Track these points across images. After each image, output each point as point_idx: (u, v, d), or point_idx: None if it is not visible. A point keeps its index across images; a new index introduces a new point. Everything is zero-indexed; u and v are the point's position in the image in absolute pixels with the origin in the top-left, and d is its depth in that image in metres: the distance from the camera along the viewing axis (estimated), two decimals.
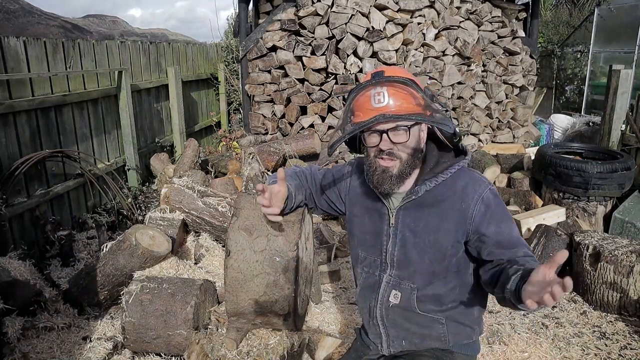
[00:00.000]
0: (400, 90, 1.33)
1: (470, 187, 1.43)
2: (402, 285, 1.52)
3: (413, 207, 1.47)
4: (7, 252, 2.98)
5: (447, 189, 1.44)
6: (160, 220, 3.26)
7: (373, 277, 1.58)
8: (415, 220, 1.47)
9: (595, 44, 8.33)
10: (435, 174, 1.44)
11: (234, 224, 1.66)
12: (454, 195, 1.43)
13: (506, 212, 1.45)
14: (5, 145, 3.24)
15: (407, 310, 1.52)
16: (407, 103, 1.33)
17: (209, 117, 7.22)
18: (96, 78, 4.30)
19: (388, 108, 1.32)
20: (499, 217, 1.41)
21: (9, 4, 20.71)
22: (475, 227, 1.40)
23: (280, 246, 1.63)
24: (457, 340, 1.55)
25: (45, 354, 2.39)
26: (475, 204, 1.41)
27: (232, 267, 1.64)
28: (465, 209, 1.41)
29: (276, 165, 4.75)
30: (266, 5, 5.44)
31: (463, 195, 1.42)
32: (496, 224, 1.40)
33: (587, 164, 3.83)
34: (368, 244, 1.60)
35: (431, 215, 1.45)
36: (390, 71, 1.36)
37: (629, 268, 2.78)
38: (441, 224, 1.44)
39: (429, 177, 1.44)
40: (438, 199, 1.45)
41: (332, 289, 3.20)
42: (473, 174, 1.48)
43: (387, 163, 1.40)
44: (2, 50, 3.17)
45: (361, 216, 1.61)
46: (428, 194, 1.45)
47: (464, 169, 1.47)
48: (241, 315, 1.75)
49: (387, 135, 1.35)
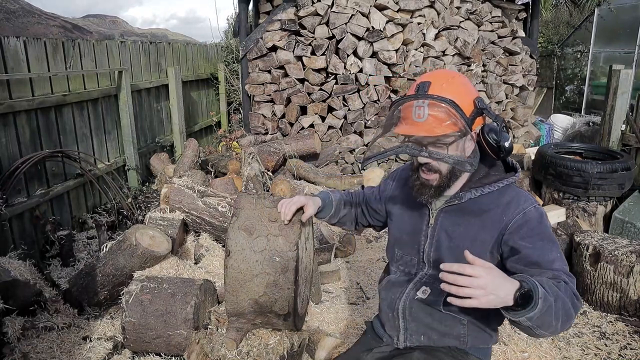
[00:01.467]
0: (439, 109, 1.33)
1: (514, 201, 1.41)
2: (435, 285, 1.50)
3: (454, 211, 1.48)
4: (7, 252, 2.98)
5: (492, 201, 1.44)
6: (160, 220, 3.26)
7: (408, 275, 1.60)
8: (453, 225, 1.48)
9: (595, 44, 8.33)
10: (483, 184, 1.45)
11: (233, 224, 1.66)
12: (498, 209, 1.42)
13: (548, 234, 1.37)
14: (5, 145, 3.24)
15: (431, 306, 1.52)
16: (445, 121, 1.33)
17: (209, 117, 7.22)
18: (96, 78, 4.30)
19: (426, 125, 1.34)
20: (536, 234, 1.35)
21: (9, 4, 20.71)
22: (509, 237, 1.37)
23: (280, 246, 1.63)
24: (475, 343, 1.54)
25: (45, 354, 2.39)
26: (515, 216, 1.38)
27: (232, 267, 1.64)
28: (505, 221, 1.39)
29: (276, 165, 4.75)
30: (266, 5, 5.44)
31: (506, 209, 1.41)
32: (531, 241, 1.34)
33: (587, 164, 3.83)
34: (405, 243, 1.62)
35: (471, 223, 1.45)
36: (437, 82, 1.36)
37: (629, 268, 2.78)
38: (479, 233, 1.43)
39: (475, 186, 1.45)
40: (481, 208, 1.44)
41: (332, 289, 3.20)
42: (521, 192, 1.47)
43: (427, 176, 1.45)
44: (2, 50, 3.17)
45: (400, 215, 1.65)
46: (472, 202, 1.45)
47: (513, 186, 1.47)
48: (241, 315, 1.76)
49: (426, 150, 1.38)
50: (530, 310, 1.12)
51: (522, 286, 1.14)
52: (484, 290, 1.10)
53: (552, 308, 1.15)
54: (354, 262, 3.65)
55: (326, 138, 5.38)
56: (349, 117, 5.34)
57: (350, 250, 3.76)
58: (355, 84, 5.26)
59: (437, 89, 1.34)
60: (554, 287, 1.20)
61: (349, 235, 3.80)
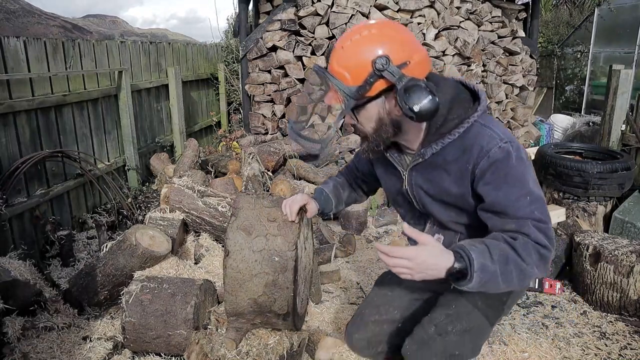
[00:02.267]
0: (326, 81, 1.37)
1: (477, 145, 1.32)
2: (445, 231, 1.53)
3: (422, 168, 1.44)
4: (7, 252, 2.98)
5: (456, 149, 1.36)
6: (160, 220, 3.26)
7: (419, 226, 1.62)
8: (425, 182, 1.45)
9: (595, 44, 8.33)
10: (442, 134, 1.36)
11: (232, 224, 1.66)
12: (462, 157, 1.35)
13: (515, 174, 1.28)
14: (5, 145, 3.24)
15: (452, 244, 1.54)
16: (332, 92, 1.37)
17: (209, 117, 7.23)
18: (96, 78, 4.30)
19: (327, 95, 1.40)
20: (502, 176, 1.28)
21: (9, 4, 20.72)
22: (476, 185, 1.33)
23: (279, 246, 1.63)
24: None
25: (45, 354, 2.39)
26: (479, 161, 1.31)
27: (231, 267, 1.64)
28: (471, 169, 1.33)
29: (276, 165, 4.75)
30: (266, 5, 5.44)
31: (469, 155, 1.33)
32: (496, 185, 1.29)
33: (587, 164, 3.83)
34: (401, 202, 1.64)
35: (442, 178, 1.40)
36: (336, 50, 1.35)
37: (629, 268, 2.78)
38: (451, 187, 1.39)
39: (434, 139, 1.38)
40: (446, 160, 1.38)
41: (332, 289, 3.20)
42: (484, 130, 1.34)
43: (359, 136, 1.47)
44: (2, 50, 3.18)
45: (383, 176, 1.67)
46: (436, 156, 1.39)
47: (476, 125, 1.35)
48: (240, 315, 1.76)
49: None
50: (467, 283, 1.21)
51: (454, 265, 1.20)
52: (411, 270, 1.19)
53: (495, 276, 1.21)
54: (354, 262, 3.65)
55: None
56: None
57: (350, 250, 3.76)
58: None
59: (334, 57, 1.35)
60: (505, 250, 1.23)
61: (349, 235, 3.80)
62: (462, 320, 1.52)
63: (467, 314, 1.54)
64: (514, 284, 1.24)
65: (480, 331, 1.57)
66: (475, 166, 1.32)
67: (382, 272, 1.87)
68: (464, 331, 1.51)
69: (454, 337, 1.50)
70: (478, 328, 1.55)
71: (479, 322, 1.54)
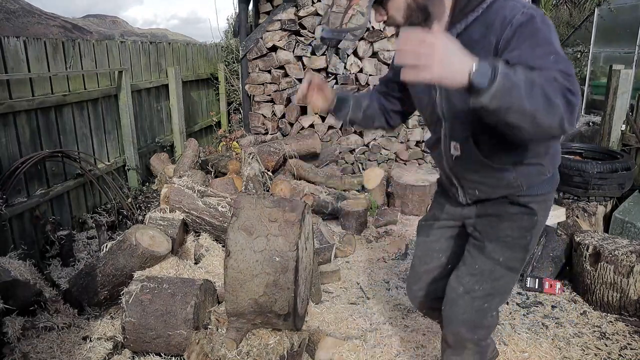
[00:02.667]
0: None
1: (500, 17, 1.28)
2: (457, 136, 1.52)
3: None
4: (7, 252, 2.98)
5: (480, 25, 1.33)
6: (160, 220, 3.26)
7: (436, 133, 1.62)
8: None
9: (595, 44, 8.33)
10: (465, 13, 1.35)
11: (233, 224, 1.66)
12: (487, 32, 1.31)
13: (542, 37, 1.21)
14: (5, 145, 3.24)
15: (470, 160, 1.53)
16: None
17: (209, 117, 7.22)
18: (96, 78, 4.30)
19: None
20: (526, 39, 1.22)
21: (9, 4, 20.71)
22: (502, 56, 1.25)
23: (280, 246, 1.63)
24: (531, 182, 1.54)
25: (45, 354, 2.39)
26: (503, 31, 1.26)
27: (232, 267, 1.64)
28: (495, 42, 1.29)
29: (276, 165, 4.75)
30: (266, 5, 5.44)
31: (493, 29, 1.29)
32: (520, 48, 1.22)
33: (587, 164, 3.83)
34: (424, 103, 1.61)
35: None
36: None
37: (629, 268, 2.78)
38: None
39: (458, 19, 1.37)
40: (472, 38, 1.34)
41: (332, 289, 3.20)
42: (506, 3, 1.31)
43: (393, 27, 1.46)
44: (2, 50, 3.18)
45: None
46: (461, 36, 1.36)
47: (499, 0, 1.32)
48: (241, 315, 1.76)
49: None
50: (489, 87, 1.04)
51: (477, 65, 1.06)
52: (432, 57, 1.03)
53: (519, 88, 1.07)
54: (354, 262, 3.65)
55: (326, 138, 5.38)
56: None
57: (350, 250, 3.76)
58: (356, 84, 5.26)
59: None
60: (531, 76, 1.10)
61: (349, 235, 3.80)
62: (487, 278, 1.63)
63: (490, 272, 1.63)
64: (540, 109, 1.09)
65: (505, 283, 1.66)
66: (500, 38, 1.28)
67: (382, 272, 1.88)
68: (491, 287, 1.63)
69: (481, 293, 1.64)
70: (503, 281, 1.64)
71: (503, 275, 1.63)
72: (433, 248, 1.87)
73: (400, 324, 2.79)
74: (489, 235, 1.64)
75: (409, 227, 4.35)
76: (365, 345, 2.52)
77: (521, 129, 1.13)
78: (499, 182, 1.54)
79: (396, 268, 3.53)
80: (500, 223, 1.62)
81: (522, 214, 1.59)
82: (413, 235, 4.13)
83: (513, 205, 1.60)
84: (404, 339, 2.62)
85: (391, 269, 3.51)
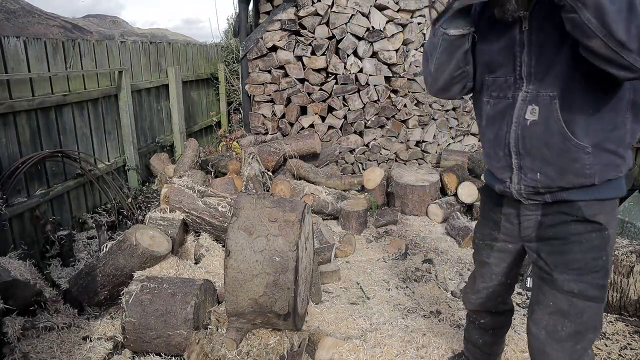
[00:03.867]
0: None
1: None
2: (539, 97, 1.36)
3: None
4: (7, 252, 2.98)
5: None
6: (160, 220, 3.26)
7: (504, 100, 1.46)
8: (550, 14, 1.30)
9: None
10: None
11: (233, 224, 1.66)
12: None
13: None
14: (5, 145, 3.24)
15: (547, 129, 1.36)
16: None
17: (209, 117, 7.23)
18: (96, 78, 4.30)
19: None
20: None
21: (9, 4, 20.72)
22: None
23: (280, 246, 1.63)
24: (605, 175, 1.37)
25: (45, 354, 2.39)
26: None
27: (232, 267, 1.64)
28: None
29: (276, 165, 4.76)
30: (266, 5, 5.44)
31: None
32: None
33: None
34: (498, 64, 1.46)
35: None
36: None
37: (629, 268, 2.78)
38: None
39: None
40: None
41: (332, 289, 3.20)
42: None
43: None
44: (2, 50, 3.18)
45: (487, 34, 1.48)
46: None
47: None
48: (241, 315, 1.76)
49: None
50: None
51: None
52: None
53: None
54: (354, 262, 3.65)
55: (326, 138, 5.38)
56: (349, 117, 5.34)
57: (350, 250, 3.76)
58: (356, 84, 5.26)
59: None
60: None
61: (349, 235, 3.80)
62: (567, 316, 1.44)
63: (569, 308, 1.43)
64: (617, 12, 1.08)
65: (591, 316, 1.45)
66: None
67: (382, 272, 1.86)
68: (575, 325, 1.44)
69: (566, 334, 1.45)
70: (587, 315, 1.44)
71: (584, 309, 1.43)
72: (493, 271, 1.78)
73: (400, 324, 2.79)
74: (556, 265, 1.45)
75: (409, 227, 4.35)
76: (365, 345, 2.52)
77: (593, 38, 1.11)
78: (570, 165, 1.36)
79: (396, 268, 3.53)
80: (566, 248, 1.43)
81: (590, 232, 1.41)
82: (413, 235, 4.14)
83: (578, 224, 1.41)
84: (404, 339, 2.62)
85: (391, 269, 3.51)
